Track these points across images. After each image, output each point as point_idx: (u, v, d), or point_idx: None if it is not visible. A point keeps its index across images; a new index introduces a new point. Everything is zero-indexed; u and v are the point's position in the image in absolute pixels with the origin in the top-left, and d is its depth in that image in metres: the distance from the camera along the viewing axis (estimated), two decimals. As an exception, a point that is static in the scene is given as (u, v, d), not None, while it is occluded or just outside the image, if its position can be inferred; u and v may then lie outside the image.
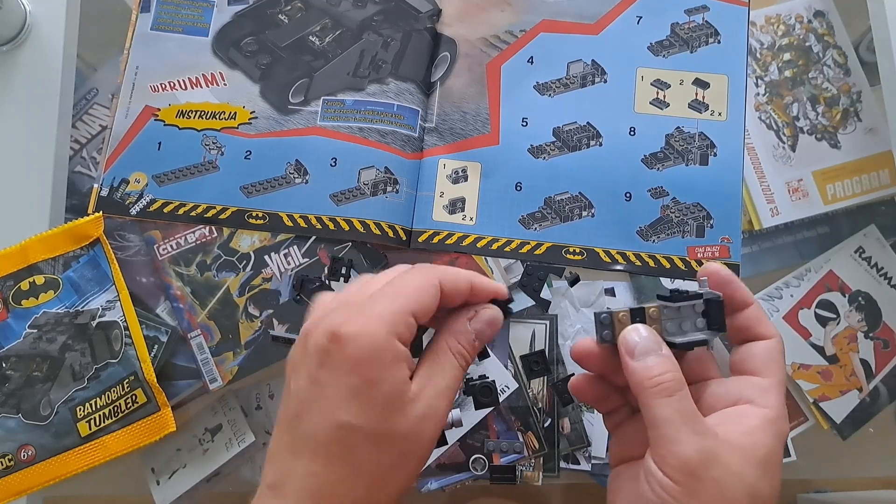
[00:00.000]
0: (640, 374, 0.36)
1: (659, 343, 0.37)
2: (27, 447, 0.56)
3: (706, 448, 0.34)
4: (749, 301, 0.39)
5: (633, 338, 0.37)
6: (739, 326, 0.39)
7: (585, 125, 0.61)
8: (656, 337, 0.37)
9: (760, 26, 0.65)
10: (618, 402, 0.42)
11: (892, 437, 0.59)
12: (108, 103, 0.63)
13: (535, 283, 0.59)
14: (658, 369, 0.36)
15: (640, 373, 0.36)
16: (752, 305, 0.39)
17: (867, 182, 0.62)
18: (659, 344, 0.37)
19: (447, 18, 0.64)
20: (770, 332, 0.39)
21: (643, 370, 0.36)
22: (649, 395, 0.35)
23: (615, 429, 0.42)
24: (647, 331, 0.37)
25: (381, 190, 0.60)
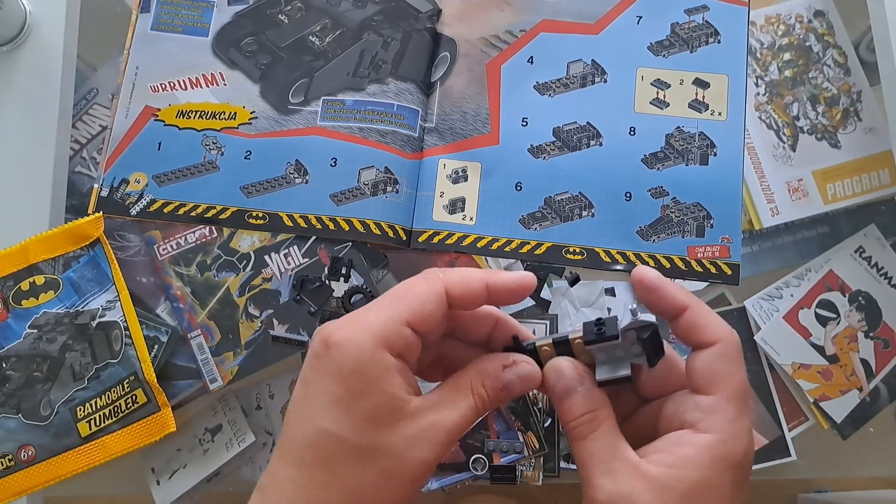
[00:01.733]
0: (561, 416, 0.35)
1: (580, 378, 0.35)
2: (27, 447, 0.56)
3: (617, 491, 0.32)
4: (683, 306, 0.35)
5: (552, 377, 0.35)
6: (679, 335, 0.35)
7: (585, 125, 0.61)
8: (577, 372, 0.35)
9: (760, 26, 0.65)
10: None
11: (892, 437, 0.59)
12: (108, 103, 0.63)
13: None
14: (576, 411, 0.34)
15: (561, 415, 0.35)
16: (688, 310, 0.34)
17: (867, 182, 0.62)
18: (580, 379, 0.34)
19: (447, 18, 0.64)
20: (712, 336, 0.34)
21: (562, 413, 0.34)
22: (569, 437, 0.34)
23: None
24: (567, 367, 0.35)
25: (381, 190, 0.60)
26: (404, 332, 0.33)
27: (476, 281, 0.35)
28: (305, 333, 0.58)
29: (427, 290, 0.34)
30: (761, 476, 0.58)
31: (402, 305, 0.34)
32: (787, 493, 0.59)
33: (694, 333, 0.34)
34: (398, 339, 0.33)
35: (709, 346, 0.34)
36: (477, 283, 0.35)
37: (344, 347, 0.33)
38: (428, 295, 0.34)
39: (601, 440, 0.33)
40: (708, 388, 0.33)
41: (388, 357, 0.33)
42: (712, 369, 0.33)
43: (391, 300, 0.34)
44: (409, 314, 0.34)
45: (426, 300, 0.34)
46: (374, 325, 0.33)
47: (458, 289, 0.35)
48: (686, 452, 0.32)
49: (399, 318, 0.33)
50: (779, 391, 0.60)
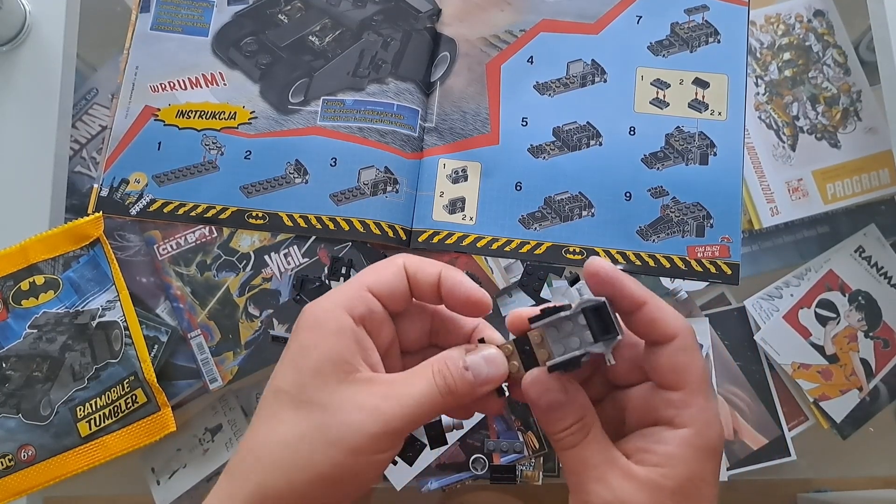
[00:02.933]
0: (547, 427, 0.34)
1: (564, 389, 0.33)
2: (27, 447, 0.56)
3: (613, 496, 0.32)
4: (641, 300, 0.33)
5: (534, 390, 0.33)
6: (638, 330, 0.34)
7: (585, 125, 0.61)
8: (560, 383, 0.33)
9: (760, 26, 0.65)
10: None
11: (892, 437, 0.59)
12: (108, 103, 0.63)
13: (535, 283, 0.59)
14: (563, 422, 0.33)
15: (546, 426, 0.34)
16: (645, 305, 0.33)
17: (867, 181, 0.62)
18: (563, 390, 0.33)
19: (447, 18, 0.64)
20: (671, 329, 0.33)
21: (548, 424, 0.34)
22: (556, 446, 0.34)
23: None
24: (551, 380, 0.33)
25: (381, 190, 0.60)
26: (365, 297, 0.35)
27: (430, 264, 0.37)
28: (305, 333, 0.58)
29: (387, 263, 0.36)
30: (761, 476, 0.58)
31: (363, 277, 0.36)
32: (787, 493, 0.59)
33: (654, 329, 0.34)
34: (359, 302, 0.35)
35: (669, 340, 0.33)
36: (430, 266, 0.36)
37: (308, 311, 0.35)
38: (387, 266, 0.36)
39: (591, 446, 0.33)
40: (676, 383, 0.33)
41: (345, 317, 0.34)
42: (678, 364, 0.33)
43: (355, 278, 0.36)
44: (370, 282, 0.35)
45: (385, 270, 0.36)
46: (340, 291, 0.35)
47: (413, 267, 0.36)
48: (668, 450, 0.32)
49: (360, 286, 0.35)
50: (779, 391, 0.60)
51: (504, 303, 0.59)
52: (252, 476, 0.33)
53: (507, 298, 0.60)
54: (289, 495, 0.32)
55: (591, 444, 0.33)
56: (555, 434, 0.34)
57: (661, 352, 0.33)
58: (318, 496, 0.32)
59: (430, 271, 0.36)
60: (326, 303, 0.35)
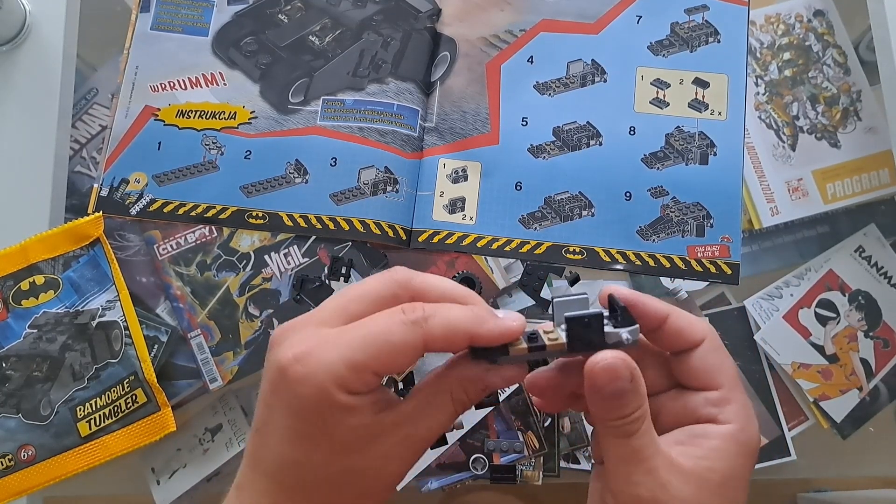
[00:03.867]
0: (603, 412, 0.33)
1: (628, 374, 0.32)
2: (27, 447, 0.56)
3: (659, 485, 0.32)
4: (664, 314, 0.35)
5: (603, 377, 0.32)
6: (665, 342, 0.35)
7: (585, 125, 0.61)
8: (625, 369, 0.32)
9: (760, 26, 0.65)
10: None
11: (892, 437, 0.59)
12: (108, 103, 0.63)
13: (535, 283, 0.59)
14: (626, 409, 0.32)
15: (603, 412, 0.33)
16: (669, 317, 0.35)
17: (867, 181, 0.62)
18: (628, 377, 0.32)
19: (447, 18, 0.64)
20: (698, 335, 0.35)
21: (609, 410, 0.32)
22: (607, 433, 0.33)
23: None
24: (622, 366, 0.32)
25: (381, 190, 0.60)
26: (368, 379, 0.31)
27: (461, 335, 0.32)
28: (305, 333, 0.58)
29: (404, 343, 0.31)
30: (761, 476, 0.58)
31: (373, 352, 0.31)
32: (787, 492, 0.59)
33: (681, 337, 0.35)
34: (362, 384, 0.31)
35: (697, 345, 0.35)
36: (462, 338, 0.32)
37: (303, 385, 0.31)
38: (404, 350, 0.31)
39: (645, 437, 0.33)
40: (712, 383, 0.34)
41: (347, 399, 0.31)
42: (712, 364, 0.34)
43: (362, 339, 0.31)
44: (378, 364, 0.31)
45: (400, 355, 0.31)
46: (335, 367, 0.31)
47: (438, 345, 0.32)
48: (714, 444, 0.33)
49: (365, 366, 0.31)
50: (779, 391, 0.60)
51: (504, 303, 0.59)
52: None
53: (507, 298, 0.60)
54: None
55: (645, 434, 0.33)
56: (614, 421, 0.32)
57: (693, 356, 0.34)
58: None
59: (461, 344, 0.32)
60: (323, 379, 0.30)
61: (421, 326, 0.31)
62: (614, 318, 0.33)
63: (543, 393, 0.37)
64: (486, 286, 0.58)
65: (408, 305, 0.32)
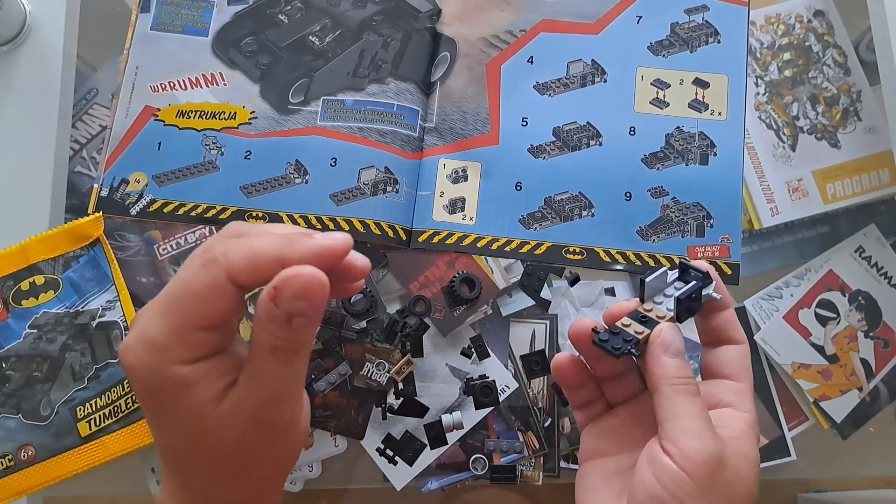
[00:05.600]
0: (672, 370, 0.36)
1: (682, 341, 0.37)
2: (27, 447, 0.56)
3: (723, 449, 0.34)
4: (729, 303, 0.40)
5: (671, 334, 0.37)
6: (717, 327, 0.40)
7: (585, 125, 0.61)
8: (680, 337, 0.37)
9: (760, 26, 0.65)
10: (592, 395, 0.42)
11: (892, 437, 0.59)
12: (108, 103, 0.63)
13: (535, 283, 0.59)
14: (687, 371, 0.36)
15: (672, 370, 0.36)
16: (729, 308, 0.40)
17: (867, 181, 0.62)
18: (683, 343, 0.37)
19: (447, 18, 0.64)
20: (742, 336, 0.40)
21: (676, 368, 0.36)
22: (676, 391, 0.35)
23: (589, 422, 0.42)
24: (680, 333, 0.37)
25: (381, 190, 0.60)
26: (195, 338, 0.30)
27: (266, 259, 0.30)
28: (305, 333, 0.58)
29: (208, 285, 0.30)
30: (761, 476, 0.58)
31: (184, 311, 0.30)
32: (787, 493, 0.59)
33: (731, 329, 0.39)
34: (189, 347, 0.30)
35: (738, 343, 0.39)
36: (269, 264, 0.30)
37: (136, 374, 0.30)
38: (210, 291, 0.30)
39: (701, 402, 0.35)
40: (739, 376, 0.38)
41: (182, 371, 0.30)
42: (742, 363, 0.39)
43: (169, 304, 0.30)
44: (195, 319, 0.30)
45: (209, 298, 0.30)
46: (157, 342, 0.30)
47: (245, 275, 0.30)
48: (740, 427, 0.36)
49: (183, 328, 0.30)
50: (779, 391, 0.60)
51: (504, 303, 0.59)
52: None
53: (507, 298, 0.60)
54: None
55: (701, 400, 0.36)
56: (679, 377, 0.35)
57: (731, 349, 0.39)
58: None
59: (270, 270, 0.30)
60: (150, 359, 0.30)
61: (219, 263, 0.30)
62: (684, 279, 0.39)
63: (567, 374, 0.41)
64: (486, 286, 0.58)
65: (205, 246, 0.31)
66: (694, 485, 0.33)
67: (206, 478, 0.33)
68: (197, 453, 0.32)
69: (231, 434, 0.31)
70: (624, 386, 0.41)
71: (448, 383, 0.58)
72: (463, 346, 0.58)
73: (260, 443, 0.32)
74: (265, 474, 0.34)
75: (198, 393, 0.30)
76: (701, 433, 0.34)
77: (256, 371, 0.31)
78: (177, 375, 0.30)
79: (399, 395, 0.58)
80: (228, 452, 0.32)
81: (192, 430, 0.31)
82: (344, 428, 0.57)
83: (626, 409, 0.41)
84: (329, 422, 0.57)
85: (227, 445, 0.32)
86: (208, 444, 0.32)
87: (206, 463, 0.32)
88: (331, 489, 0.58)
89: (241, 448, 0.32)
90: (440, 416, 0.57)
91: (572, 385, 0.41)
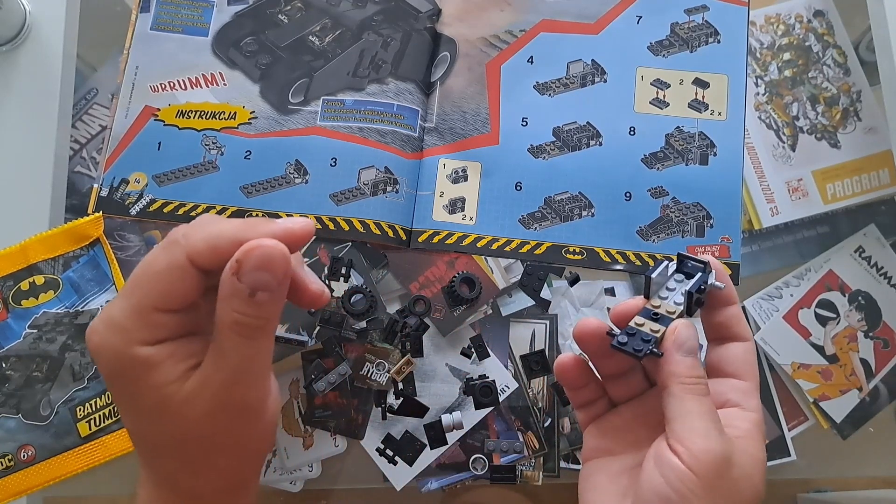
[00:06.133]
0: (683, 369, 0.35)
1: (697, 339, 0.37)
2: (27, 447, 0.56)
3: (730, 449, 0.34)
4: (735, 299, 0.39)
5: (686, 332, 0.36)
6: (721, 323, 0.39)
7: (585, 125, 0.61)
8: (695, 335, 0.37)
9: (760, 26, 0.65)
10: (595, 394, 0.42)
11: (892, 437, 0.59)
12: (107, 103, 0.63)
13: (535, 283, 0.59)
14: (699, 370, 0.36)
15: (684, 369, 0.35)
16: (735, 304, 0.39)
17: (867, 181, 0.62)
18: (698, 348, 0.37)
19: (447, 18, 0.64)
20: (748, 333, 0.39)
21: (688, 367, 0.35)
22: (686, 390, 0.35)
23: (592, 421, 0.42)
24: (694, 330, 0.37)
25: (381, 190, 0.60)
26: (156, 319, 0.30)
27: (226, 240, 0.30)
28: (305, 333, 0.58)
29: (167, 265, 0.30)
30: (761, 476, 0.58)
31: (144, 292, 0.30)
32: (787, 493, 0.59)
33: (736, 325, 0.38)
34: (150, 328, 0.30)
35: (743, 340, 0.38)
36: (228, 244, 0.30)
37: (100, 356, 0.31)
38: (170, 271, 0.30)
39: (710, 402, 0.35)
40: (745, 375, 0.38)
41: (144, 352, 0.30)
42: (749, 360, 0.38)
43: (132, 286, 0.31)
44: (155, 299, 0.30)
45: (169, 278, 0.30)
46: (119, 323, 0.30)
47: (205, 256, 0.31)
48: (746, 426, 0.36)
49: (143, 308, 0.30)
50: (779, 391, 0.60)
51: (504, 303, 0.59)
52: None
53: (507, 298, 0.60)
54: None
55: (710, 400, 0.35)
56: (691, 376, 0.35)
57: (736, 346, 0.38)
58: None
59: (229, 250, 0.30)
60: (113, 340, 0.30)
61: (179, 244, 0.30)
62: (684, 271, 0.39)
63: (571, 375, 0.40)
64: (486, 286, 0.58)
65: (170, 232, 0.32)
66: (701, 484, 0.33)
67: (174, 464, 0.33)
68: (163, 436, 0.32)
69: (196, 414, 0.31)
70: (628, 384, 0.41)
71: (448, 383, 0.58)
72: (463, 346, 0.58)
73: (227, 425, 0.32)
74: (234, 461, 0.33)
75: (161, 373, 0.30)
76: (709, 433, 0.34)
77: (221, 350, 0.31)
78: (139, 356, 0.30)
79: (399, 395, 0.58)
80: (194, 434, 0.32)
81: (158, 412, 0.31)
82: (344, 428, 0.57)
83: (629, 408, 0.41)
84: (329, 422, 0.57)
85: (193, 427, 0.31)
86: (174, 425, 0.31)
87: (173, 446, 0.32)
88: (331, 489, 0.58)
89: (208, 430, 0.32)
90: (440, 416, 0.57)
91: (576, 385, 0.41)
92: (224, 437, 0.32)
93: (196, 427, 0.31)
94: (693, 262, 0.39)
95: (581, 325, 0.39)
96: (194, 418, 0.31)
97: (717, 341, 0.39)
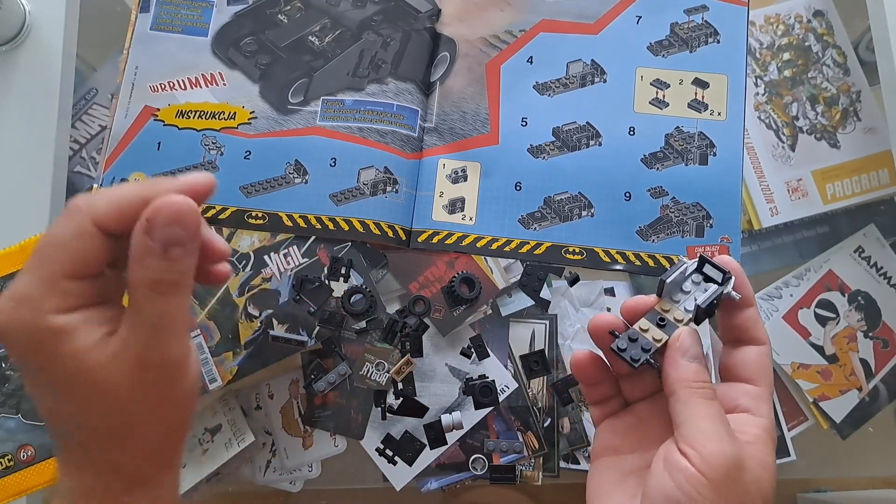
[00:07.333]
0: (689, 374, 0.36)
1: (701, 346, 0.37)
2: (27, 447, 0.56)
3: (740, 453, 0.34)
4: (752, 301, 0.39)
5: (690, 339, 0.37)
6: (738, 325, 0.39)
7: (585, 125, 0.61)
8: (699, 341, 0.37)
9: (760, 26, 0.65)
10: (610, 392, 0.41)
11: (891, 437, 0.59)
12: (107, 103, 0.63)
13: (534, 283, 0.59)
14: (705, 375, 0.36)
15: (689, 373, 0.36)
16: (752, 307, 0.39)
17: (867, 181, 0.62)
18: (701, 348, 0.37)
19: (447, 18, 0.64)
20: (764, 337, 0.39)
21: (693, 372, 0.36)
22: (693, 394, 0.35)
23: (605, 419, 0.42)
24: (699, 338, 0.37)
25: (380, 190, 0.60)
26: (67, 287, 0.30)
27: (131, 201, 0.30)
28: (305, 333, 0.58)
29: (73, 232, 0.30)
30: (761, 476, 0.58)
31: (51, 262, 0.30)
32: (787, 493, 0.59)
33: (752, 329, 0.38)
34: (61, 296, 0.30)
35: (760, 343, 0.38)
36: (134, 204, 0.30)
37: (9, 333, 0.30)
38: (76, 237, 0.30)
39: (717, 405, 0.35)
40: (758, 380, 0.38)
41: (54, 321, 0.30)
42: (762, 365, 0.38)
43: (37, 259, 0.30)
44: (64, 266, 0.30)
45: (76, 244, 0.30)
46: (28, 295, 0.29)
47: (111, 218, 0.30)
48: (755, 432, 0.36)
49: (52, 277, 0.30)
50: (778, 391, 0.60)
51: (504, 303, 0.59)
52: None
53: (506, 298, 0.60)
54: None
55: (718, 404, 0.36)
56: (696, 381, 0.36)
57: (752, 350, 0.38)
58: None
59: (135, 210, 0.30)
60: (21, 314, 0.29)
61: (82, 210, 0.30)
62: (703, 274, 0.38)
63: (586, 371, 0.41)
64: (486, 286, 0.58)
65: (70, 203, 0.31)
66: (711, 487, 0.33)
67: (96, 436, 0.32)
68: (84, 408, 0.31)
69: (117, 378, 0.30)
70: (642, 383, 0.41)
71: (448, 383, 0.58)
72: (462, 346, 0.58)
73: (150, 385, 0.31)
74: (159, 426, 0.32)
75: (77, 339, 0.30)
76: (718, 436, 0.34)
77: (137, 310, 0.31)
78: (52, 325, 0.29)
79: (399, 395, 0.58)
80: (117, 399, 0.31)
81: (76, 381, 0.30)
82: (344, 428, 0.57)
83: (643, 407, 0.41)
84: (329, 422, 0.57)
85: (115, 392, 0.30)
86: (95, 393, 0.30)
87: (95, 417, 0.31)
88: (331, 489, 0.58)
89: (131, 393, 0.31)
90: (440, 416, 0.57)
91: (591, 381, 0.41)
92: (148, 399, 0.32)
93: (118, 391, 0.30)
94: (714, 268, 0.38)
95: (595, 321, 0.39)
96: (115, 381, 0.30)
97: (733, 344, 0.39)
